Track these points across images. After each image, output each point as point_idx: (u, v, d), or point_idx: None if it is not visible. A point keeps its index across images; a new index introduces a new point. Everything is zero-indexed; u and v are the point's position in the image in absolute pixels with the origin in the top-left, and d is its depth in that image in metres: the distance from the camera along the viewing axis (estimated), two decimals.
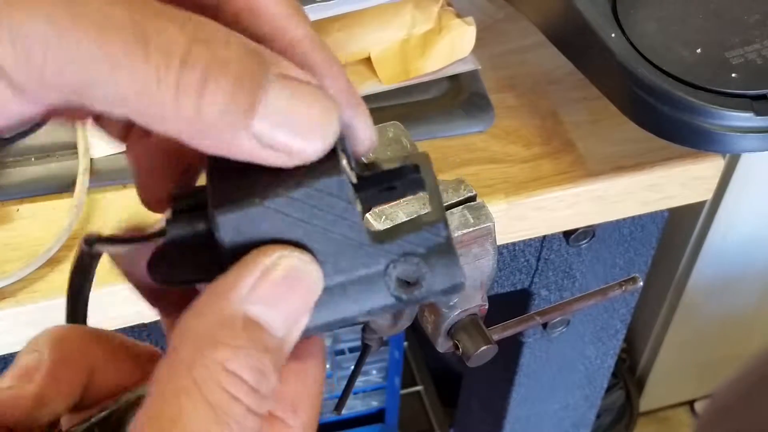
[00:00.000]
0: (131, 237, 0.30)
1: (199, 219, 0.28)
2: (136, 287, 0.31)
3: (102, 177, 0.55)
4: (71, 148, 0.56)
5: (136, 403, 0.31)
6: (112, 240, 0.30)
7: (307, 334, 0.29)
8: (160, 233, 0.29)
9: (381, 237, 0.28)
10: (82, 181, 0.54)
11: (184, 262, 0.29)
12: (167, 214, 0.29)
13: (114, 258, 0.31)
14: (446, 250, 0.29)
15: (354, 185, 0.29)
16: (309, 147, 0.26)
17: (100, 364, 0.32)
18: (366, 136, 0.29)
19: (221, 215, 0.27)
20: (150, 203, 0.31)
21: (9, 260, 0.51)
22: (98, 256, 0.31)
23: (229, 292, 0.26)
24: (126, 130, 0.31)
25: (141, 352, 0.33)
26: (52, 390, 0.31)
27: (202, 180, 0.30)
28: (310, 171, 0.27)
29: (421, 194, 0.31)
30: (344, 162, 0.28)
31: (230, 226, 0.27)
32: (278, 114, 0.25)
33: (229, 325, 0.26)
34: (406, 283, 0.29)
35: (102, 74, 0.23)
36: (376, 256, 0.28)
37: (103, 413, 0.31)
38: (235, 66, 0.24)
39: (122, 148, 0.31)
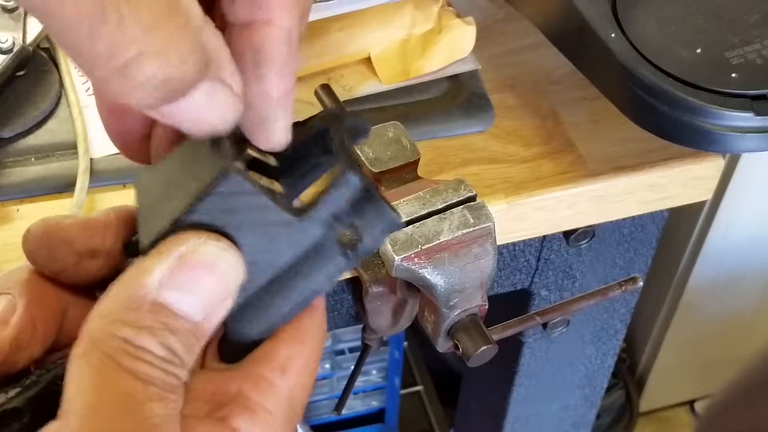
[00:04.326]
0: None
1: None
2: None
3: (102, 177, 0.55)
4: (71, 148, 0.56)
5: None
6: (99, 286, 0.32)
7: (287, 318, 0.30)
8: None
9: (304, 210, 0.29)
10: (82, 181, 0.54)
11: None
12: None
13: None
14: (367, 194, 0.30)
15: (275, 168, 0.30)
16: (195, 131, 0.28)
17: (71, 300, 0.32)
18: (271, 138, 0.30)
19: (148, 249, 0.28)
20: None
21: (9, 260, 0.52)
22: None
23: (141, 277, 0.27)
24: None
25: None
26: (28, 333, 0.30)
27: None
28: (207, 179, 0.28)
29: (419, 194, 0.32)
30: (250, 152, 0.30)
31: None
32: (186, 108, 0.27)
33: (135, 308, 0.27)
34: (350, 240, 0.30)
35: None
36: (308, 227, 0.29)
37: None
38: (183, 62, 0.25)
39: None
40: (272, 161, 0.31)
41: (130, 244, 0.32)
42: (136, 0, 0.23)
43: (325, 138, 0.31)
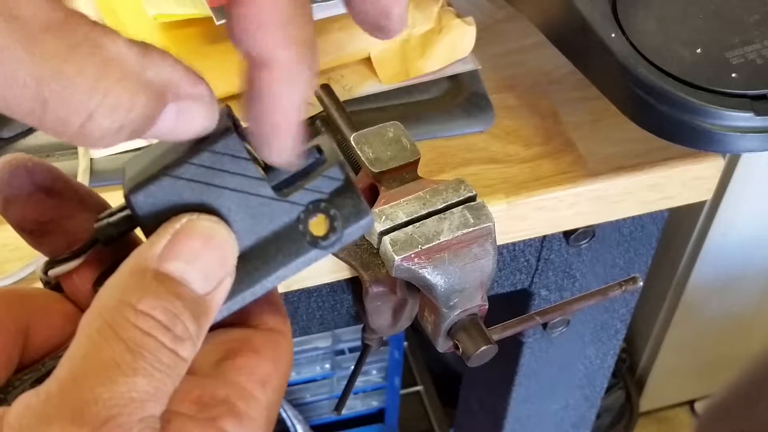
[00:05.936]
0: (75, 252, 0.32)
1: (122, 217, 0.31)
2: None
3: (102, 177, 0.55)
4: (71, 148, 0.56)
5: None
6: (59, 261, 0.32)
7: (252, 297, 0.31)
8: (94, 241, 0.32)
9: (286, 192, 0.30)
10: (82, 181, 0.54)
11: None
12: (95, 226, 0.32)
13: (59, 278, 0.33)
14: (347, 189, 0.31)
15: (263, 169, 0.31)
16: (184, 138, 0.29)
17: (32, 322, 0.32)
18: (273, 148, 0.30)
19: (133, 195, 0.29)
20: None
21: (9, 260, 0.51)
22: (57, 280, 0.33)
23: (143, 252, 0.28)
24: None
25: (69, 309, 0.33)
26: None
27: None
28: (209, 139, 0.29)
29: (419, 194, 0.32)
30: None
31: (144, 202, 0.29)
32: (163, 129, 0.27)
33: (139, 276, 0.27)
34: (320, 231, 0.31)
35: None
36: (286, 209, 0.30)
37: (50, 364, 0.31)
38: (132, 107, 0.26)
39: (123, 148, 0.32)
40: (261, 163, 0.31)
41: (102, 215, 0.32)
42: (70, 73, 0.24)
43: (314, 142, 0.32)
